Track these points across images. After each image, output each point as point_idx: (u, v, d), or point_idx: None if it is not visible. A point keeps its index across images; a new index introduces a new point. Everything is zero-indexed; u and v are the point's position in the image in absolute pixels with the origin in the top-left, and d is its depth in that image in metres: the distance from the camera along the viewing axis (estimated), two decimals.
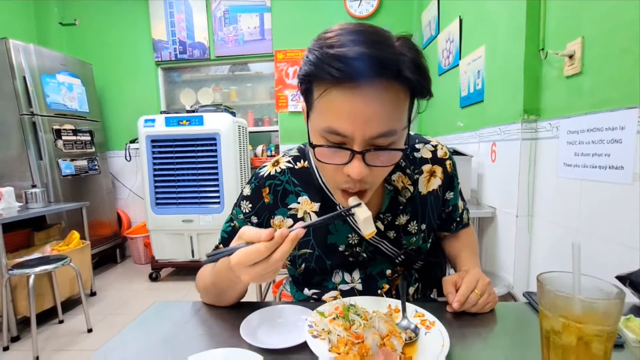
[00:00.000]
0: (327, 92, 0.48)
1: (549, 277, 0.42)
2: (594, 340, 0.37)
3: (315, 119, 0.52)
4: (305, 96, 0.54)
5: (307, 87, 0.52)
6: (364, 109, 0.47)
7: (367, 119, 0.47)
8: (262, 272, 0.47)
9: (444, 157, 0.73)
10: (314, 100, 0.51)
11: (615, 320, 0.37)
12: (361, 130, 0.48)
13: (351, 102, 0.47)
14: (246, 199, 0.69)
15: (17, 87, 2.49)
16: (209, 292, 0.66)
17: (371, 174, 0.52)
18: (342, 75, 0.45)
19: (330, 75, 0.46)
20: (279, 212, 0.68)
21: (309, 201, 0.67)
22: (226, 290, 0.62)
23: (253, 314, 0.59)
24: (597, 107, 1.09)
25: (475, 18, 1.93)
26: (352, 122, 0.48)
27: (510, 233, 1.51)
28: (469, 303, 0.60)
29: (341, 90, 0.47)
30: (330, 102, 0.48)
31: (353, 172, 0.50)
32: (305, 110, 0.56)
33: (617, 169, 1.01)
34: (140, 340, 0.57)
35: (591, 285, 0.41)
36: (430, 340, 0.49)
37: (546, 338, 0.41)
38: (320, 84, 0.49)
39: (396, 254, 0.70)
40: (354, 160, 0.50)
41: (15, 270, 1.81)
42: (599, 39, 1.09)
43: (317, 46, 0.48)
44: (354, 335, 0.48)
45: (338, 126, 0.48)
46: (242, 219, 0.69)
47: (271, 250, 0.46)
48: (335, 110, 0.48)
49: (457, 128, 2.20)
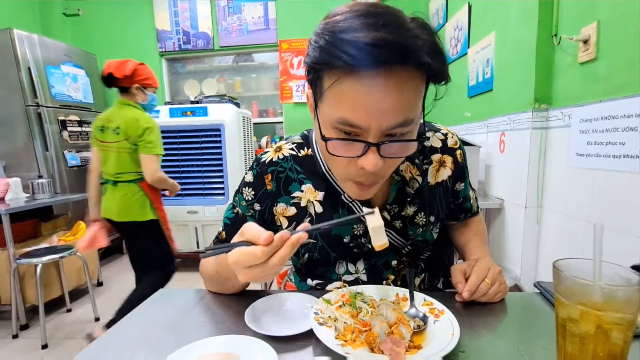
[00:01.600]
0: (339, 81, 0.44)
1: (566, 264, 0.40)
2: (614, 328, 0.36)
3: (326, 110, 0.48)
4: (313, 85, 0.50)
5: (316, 75, 0.48)
6: (381, 99, 0.43)
7: (384, 110, 0.44)
8: (259, 275, 0.44)
9: (455, 147, 0.70)
10: (325, 90, 0.47)
11: (636, 308, 0.36)
12: (378, 121, 0.45)
13: (367, 92, 0.43)
14: (248, 186, 0.67)
15: (22, 78, 2.49)
16: (213, 280, 0.66)
17: (384, 165, 0.49)
18: (358, 63, 0.41)
19: (344, 63, 0.42)
20: (282, 200, 0.66)
21: (313, 190, 0.65)
22: (230, 278, 0.60)
23: (258, 301, 0.58)
24: (613, 93, 1.05)
25: (485, 4, 1.88)
26: (368, 113, 0.44)
27: (519, 224, 1.48)
28: (479, 292, 0.58)
29: (356, 80, 0.43)
30: (344, 92, 0.45)
31: (368, 164, 0.47)
32: (312, 99, 0.52)
33: (632, 157, 0.98)
34: (144, 326, 0.56)
35: (610, 272, 0.39)
36: (439, 329, 0.48)
37: (562, 327, 0.40)
38: (332, 73, 0.45)
39: (403, 244, 0.67)
40: (369, 153, 0.47)
41: (24, 259, 1.83)
42: (615, 23, 1.05)
43: (328, 30, 0.44)
44: (361, 323, 0.46)
45: (352, 118, 0.45)
46: (244, 206, 0.67)
47: (268, 255, 0.43)
48: (349, 101, 0.45)
49: (464, 118, 2.16)
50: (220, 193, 2.71)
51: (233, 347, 0.45)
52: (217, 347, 0.45)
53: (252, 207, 0.67)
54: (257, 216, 0.67)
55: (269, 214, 0.67)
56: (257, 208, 0.67)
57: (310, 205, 0.65)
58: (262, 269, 0.43)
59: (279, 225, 0.67)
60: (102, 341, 0.52)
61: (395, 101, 0.44)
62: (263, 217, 0.67)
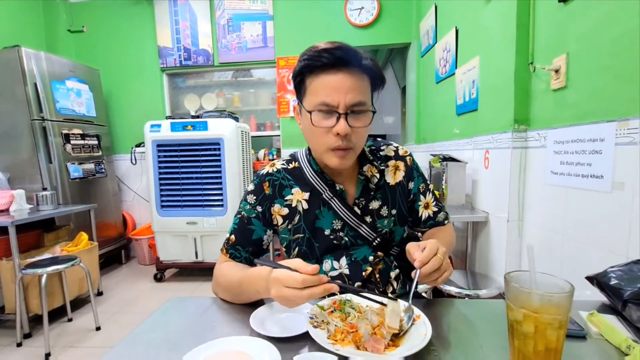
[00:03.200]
0: (317, 77, 0.70)
1: (515, 275, 0.50)
2: (548, 327, 0.45)
3: (310, 98, 0.72)
4: (297, 89, 0.75)
5: (300, 79, 0.73)
6: (345, 83, 0.69)
7: (347, 90, 0.69)
8: (289, 296, 0.55)
9: (405, 155, 0.90)
10: (307, 86, 0.72)
11: (565, 310, 0.45)
12: (343, 98, 0.69)
13: (334, 80, 0.69)
14: (251, 193, 0.85)
15: (29, 93, 2.58)
16: (230, 288, 0.75)
17: (353, 134, 0.71)
18: (329, 60, 0.68)
19: (320, 62, 0.68)
20: (277, 202, 0.83)
21: (300, 191, 0.83)
22: (246, 293, 0.70)
23: (261, 308, 0.67)
24: (580, 119, 1.17)
25: (470, 29, 2.01)
26: (337, 93, 0.68)
27: (502, 237, 1.58)
28: (432, 265, 0.62)
29: (327, 73, 0.69)
30: (320, 82, 0.70)
31: (340, 129, 0.69)
32: (298, 107, 0.78)
33: (598, 177, 1.09)
34: (161, 330, 0.64)
35: (550, 282, 0.49)
36: (415, 331, 0.56)
37: (511, 327, 0.49)
38: (312, 73, 0.70)
39: (373, 237, 0.82)
40: (340, 120, 0.69)
41: (29, 269, 1.88)
42: (583, 56, 1.17)
43: (308, 50, 0.71)
44: (349, 325, 0.55)
45: (327, 99, 0.69)
46: (249, 209, 0.84)
47: (305, 284, 0.54)
48: (324, 88, 0.69)
49: (453, 135, 2.28)
50: (219, 204, 2.79)
51: (242, 347, 0.54)
52: (228, 347, 0.54)
53: (255, 209, 0.83)
54: (260, 216, 0.83)
55: (268, 214, 0.84)
56: (259, 210, 0.83)
57: (299, 204, 0.83)
58: (295, 293, 0.54)
59: (275, 223, 0.84)
60: (124, 344, 0.60)
61: (352, 84, 0.69)
62: (264, 217, 0.84)
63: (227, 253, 0.83)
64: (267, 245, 0.86)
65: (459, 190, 1.91)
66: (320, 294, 0.54)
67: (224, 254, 0.84)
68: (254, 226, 0.83)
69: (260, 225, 0.83)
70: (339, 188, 0.81)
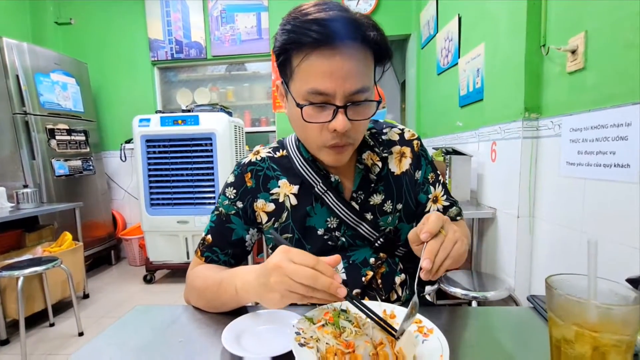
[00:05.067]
0: (306, 57, 0.54)
1: (559, 280, 0.38)
2: (612, 351, 0.33)
3: (298, 84, 0.57)
4: (282, 68, 0.60)
5: (285, 57, 0.57)
6: (342, 67, 0.54)
7: (345, 76, 0.54)
8: (291, 273, 0.44)
9: (412, 138, 0.77)
10: (294, 68, 0.56)
11: (635, 328, 0.33)
12: (341, 86, 0.54)
13: (330, 62, 0.53)
14: (230, 186, 0.72)
15: (10, 86, 2.45)
16: (206, 290, 0.62)
17: (353, 128, 0.58)
18: (322, 37, 0.52)
19: (310, 38, 0.52)
20: (261, 196, 0.71)
21: (288, 184, 0.70)
22: (225, 293, 0.58)
23: (237, 320, 0.55)
24: (602, 103, 1.05)
25: (474, 15, 1.90)
26: (333, 80, 0.54)
27: (511, 234, 1.47)
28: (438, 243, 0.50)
29: (320, 53, 0.53)
30: (311, 65, 0.54)
31: (339, 125, 0.55)
32: (282, 87, 0.62)
33: (623, 167, 0.97)
34: (116, 346, 0.52)
35: (606, 288, 0.37)
36: (427, 349, 0.45)
37: (557, 347, 0.37)
38: (300, 51, 0.55)
39: (375, 237, 0.69)
40: (338, 115, 0.56)
41: (4, 272, 1.76)
42: (603, 33, 1.06)
43: (293, 17, 0.55)
44: (344, 343, 0.43)
45: (320, 85, 0.54)
46: (227, 205, 0.71)
47: (317, 267, 0.44)
48: (316, 72, 0.54)
49: (456, 128, 2.17)
50: (211, 202, 2.67)
51: None
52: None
53: (235, 204, 0.71)
54: (241, 213, 0.71)
55: (250, 211, 0.71)
56: (239, 205, 0.71)
57: (287, 199, 0.70)
58: (298, 270, 0.44)
59: (259, 221, 0.72)
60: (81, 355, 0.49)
61: (352, 67, 0.54)
62: (246, 214, 0.71)
63: (202, 256, 0.71)
64: (250, 247, 0.74)
65: (464, 185, 1.80)
66: (326, 286, 0.43)
67: (199, 257, 0.71)
68: (233, 224, 0.70)
69: (241, 223, 0.71)
70: (334, 180, 0.68)
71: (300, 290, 0.44)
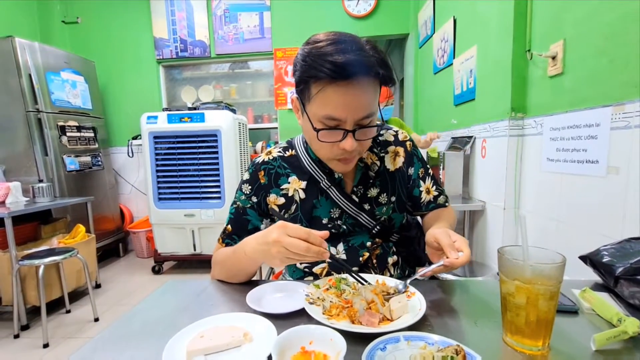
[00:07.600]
0: (323, 89, 0.64)
1: (508, 249, 0.50)
2: (540, 298, 0.45)
3: (314, 108, 0.67)
4: (301, 93, 0.69)
5: (305, 85, 0.67)
6: (354, 100, 0.64)
7: (355, 107, 0.64)
8: (288, 244, 0.57)
9: (405, 140, 0.88)
10: (312, 95, 0.66)
11: (557, 281, 0.45)
12: (352, 115, 0.65)
13: (345, 95, 0.63)
14: (246, 183, 0.84)
15: (23, 84, 2.55)
16: (226, 261, 0.75)
17: (358, 146, 0.69)
18: (337, 75, 0.61)
19: (327, 76, 0.62)
20: (273, 191, 0.82)
21: (297, 180, 0.81)
22: (240, 259, 0.70)
23: (257, 287, 0.67)
24: (577, 105, 1.17)
25: (468, 19, 2.00)
26: (345, 110, 0.64)
27: (499, 225, 1.59)
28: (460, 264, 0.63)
29: (335, 87, 0.63)
30: (328, 96, 0.64)
31: (347, 146, 0.67)
32: (299, 103, 0.72)
33: (593, 162, 1.09)
34: (160, 308, 0.65)
35: (542, 254, 0.49)
36: (410, 306, 0.57)
37: (504, 299, 0.49)
38: (317, 83, 0.64)
39: (372, 225, 0.81)
40: (347, 137, 0.67)
41: (26, 261, 1.88)
42: (579, 41, 1.17)
43: (312, 54, 0.64)
44: (344, 301, 0.56)
45: (335, 113, 0.65)
46: (244, 199, 0.83)
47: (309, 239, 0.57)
48: (332, 103, 0.64)
49: (451, 125, 2.28)
50: (216, 197, 2.79)
51: (238, 322, 0.54)
52: (225, 322, 0.54)
53: (250, 199, 0.83)
54: (255, 207, 0.83)
55: (264, 204, 0.83)
56: (254, 200, 0.83)
57: (296, 194, 0.81)
58: (293, 242, 0.56)
59: (271, 213, 0.84)
60: (121, 322, 0.61)
61: (362, 100, 0.64)
62: (260, 207, 0.83)
63: (223, 243, 0.84)
64: None
65: (456, 179, 1.92)
66: (316, 253, 0.57)
67: (220, 244, 0.84)
68: (249, 216, 0.83)
69: (255, 215, 0.83)
70: (338, 176, 0.80)
71: (296, 257, 0.58)
